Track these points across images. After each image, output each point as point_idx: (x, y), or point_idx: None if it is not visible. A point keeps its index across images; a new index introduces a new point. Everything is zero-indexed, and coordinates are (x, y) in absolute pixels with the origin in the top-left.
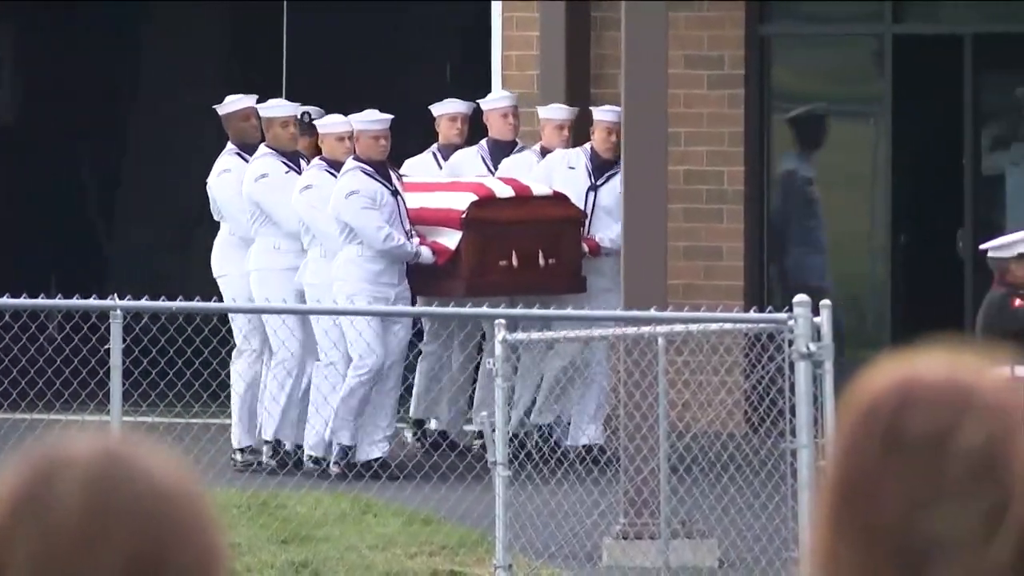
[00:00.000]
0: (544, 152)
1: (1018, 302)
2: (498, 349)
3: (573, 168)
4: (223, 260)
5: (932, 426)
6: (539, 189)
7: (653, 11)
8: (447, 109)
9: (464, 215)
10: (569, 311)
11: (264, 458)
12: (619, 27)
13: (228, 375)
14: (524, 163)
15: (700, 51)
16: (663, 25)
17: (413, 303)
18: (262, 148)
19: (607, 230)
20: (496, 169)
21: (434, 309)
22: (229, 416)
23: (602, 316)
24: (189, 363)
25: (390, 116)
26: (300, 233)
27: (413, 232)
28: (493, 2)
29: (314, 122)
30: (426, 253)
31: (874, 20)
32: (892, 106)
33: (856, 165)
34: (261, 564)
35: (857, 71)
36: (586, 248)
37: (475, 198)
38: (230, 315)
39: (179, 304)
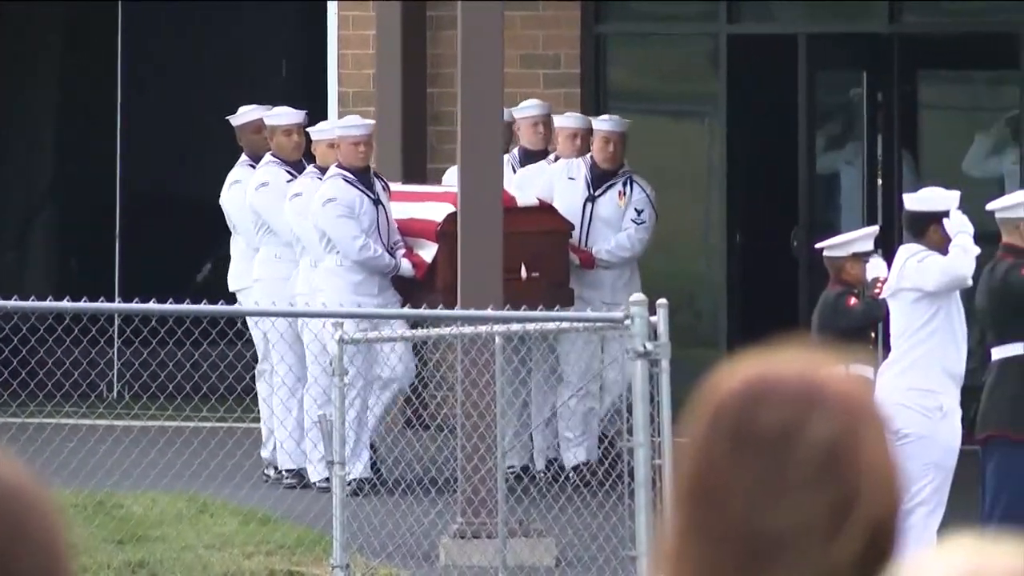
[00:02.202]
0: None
1: (853, 301)
2: (334, 348)
3: (573, 179)
4: (239, 274)
5: (780, 422)
6: (524, 200)
7: (489, 10)
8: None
9: (439, 227)
10: (405, 310)
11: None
12: (455, 26)
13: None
14: (535, 172)
15: (536, 50)
16: (499, 24)
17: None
18: (267, 157)
19: (604, 242)
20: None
21: (255, 309)
22: (63, 415)
23: (437, 315)
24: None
25: (371, 122)
26: (294, 242)
27: (401, 243)
28: (329, 1)
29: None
30: (405, 265)
31: (709, 20)
32: (727, 105)
33: (691, 164)
34: (97, 565)
35: (692, 70)
36: (577, 260)
37: (453, 209)
38: (252, 334)
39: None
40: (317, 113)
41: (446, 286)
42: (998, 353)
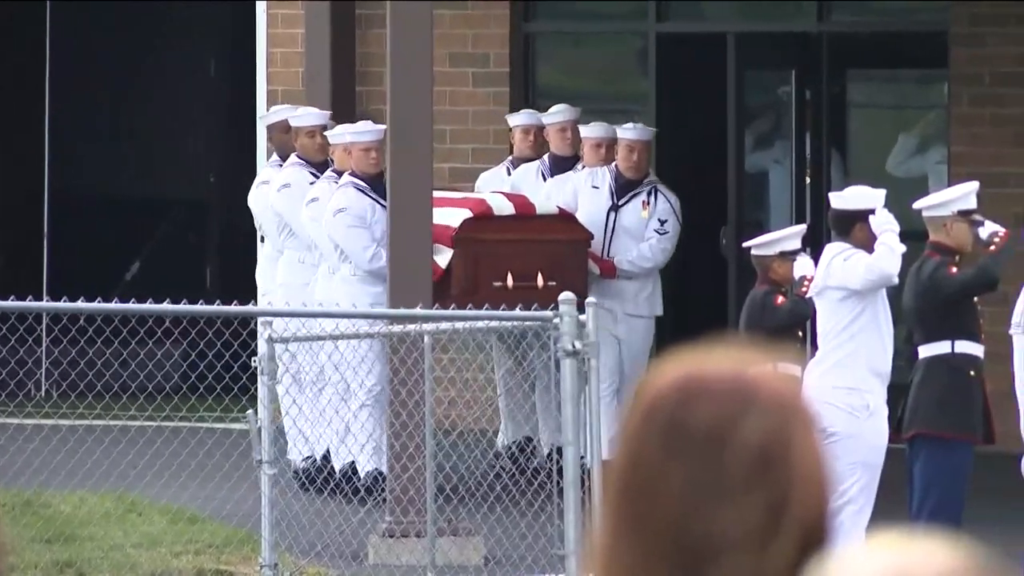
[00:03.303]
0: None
1: (780, 300)
2: (263, 348)
3: (597, 188)
4: (265, 277)
5: (713, 420)
6: (544, 208)
7: (418, 9)
8: (520, 120)
9: (455, 233)
10: (334, 308)
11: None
12: (384, 25)
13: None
14: (562, 181)
15: (465, 49)
16: (428, 23)
17: None
18: (292, 158)
19: (627, 252)
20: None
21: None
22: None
23: (367, 315)
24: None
25: (383, 127)
26: (312, 247)
27: None
28: (258, 0)
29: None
30: None
31: (638, 18)
32: (656, 104)
33: None
34: (25, 564)
35: (621, 69)
36: (597, 270)
37: (469, 215)
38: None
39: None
40: (244, 112)
41: (461, 292)
42: (925, 351)
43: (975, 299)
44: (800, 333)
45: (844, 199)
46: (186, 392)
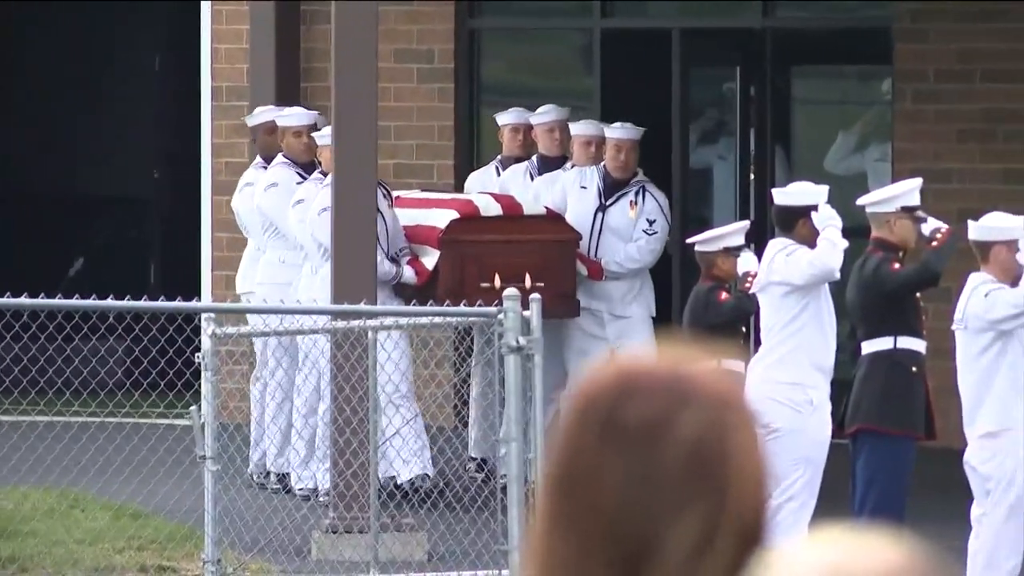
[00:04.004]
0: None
1: (724, 295)
2: (207, 343)
3: (585, 187)
4: (246, 277)
5: (649, 417)
6: (531, 208)
7: (363, 5)
8: (509, 120)
9: (441, 234)
10: (279, 304)
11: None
12: (329, 21)
13: None
14: (550, 180)
15: (410, 45)
16: (373, 19)
17: None
18: (278, 158)
19: (614, 252)
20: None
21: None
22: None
23: (310, 310)
24: None
25: None
26: (298, 247)
27: (407, 250)
28: None
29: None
30: (407, 273)
31: (583, 15)
32: (601, 100)
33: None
34: None
35: (566, 65)
36: (585, 271)
37: (456, 216)
38: (252, 340)
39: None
40: (188, 108)
41: (447, 293)
42: (868, 347)
43: (918, 295)
44: (744, 329)
45: (787, 195)
46: (129, 388)
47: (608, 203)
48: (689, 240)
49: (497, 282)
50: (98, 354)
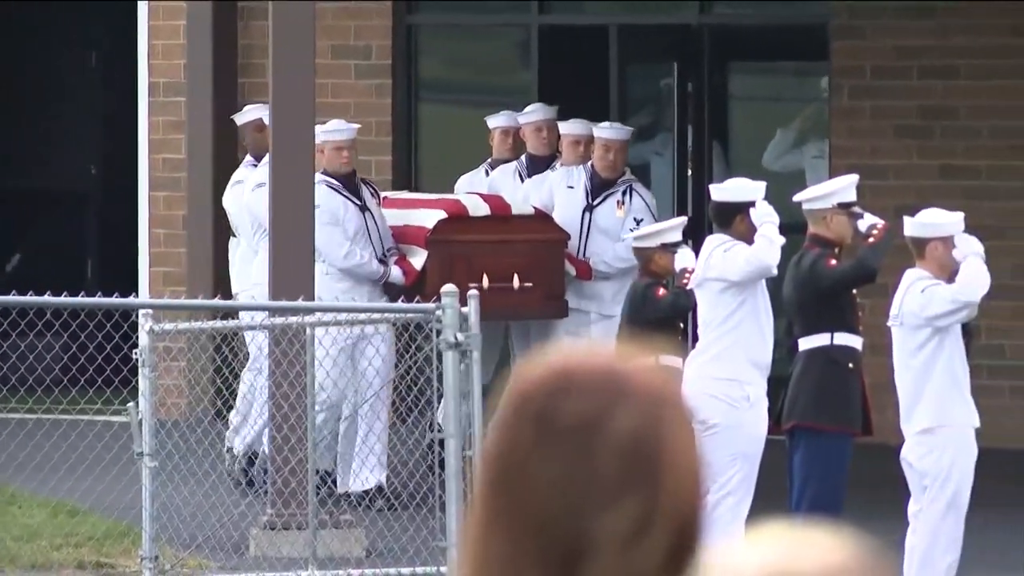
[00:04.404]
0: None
1: (661, 291)
2: (144, 339)
3: (572, 187)
4: (239, 276)
5: (584, 413)
6: (520, 208)
7: (300, 4)
8: (500, 123)
9: (429, 234)
10: (216, 301)
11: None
12: (266, 17)
13: None
14: (539, 181)
15: (347, 41)
16: (310, 15)
17: None
18: (267, 157)
19: (602, 252)
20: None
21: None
22: None
23: (249, 307)
24: None
25: (355, 126)
26: None
27: (395, 250)
28: None
29: None
30: (395, 273)
31: (520, 11)
32: (539, 96)
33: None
34: None
35: (504, 61)
36: (573, 271)
37: (444, 216)
38: (245, 335)
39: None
40: (126, 104)
41: (434, 293)
42: (804, 343)
43: (854, 291)
44: (681, 325)
45: (725, 191)
46: (67, 385)
47: (596, 203)
48: (627, 236)
49: (485, 282)
50: (35, 351)
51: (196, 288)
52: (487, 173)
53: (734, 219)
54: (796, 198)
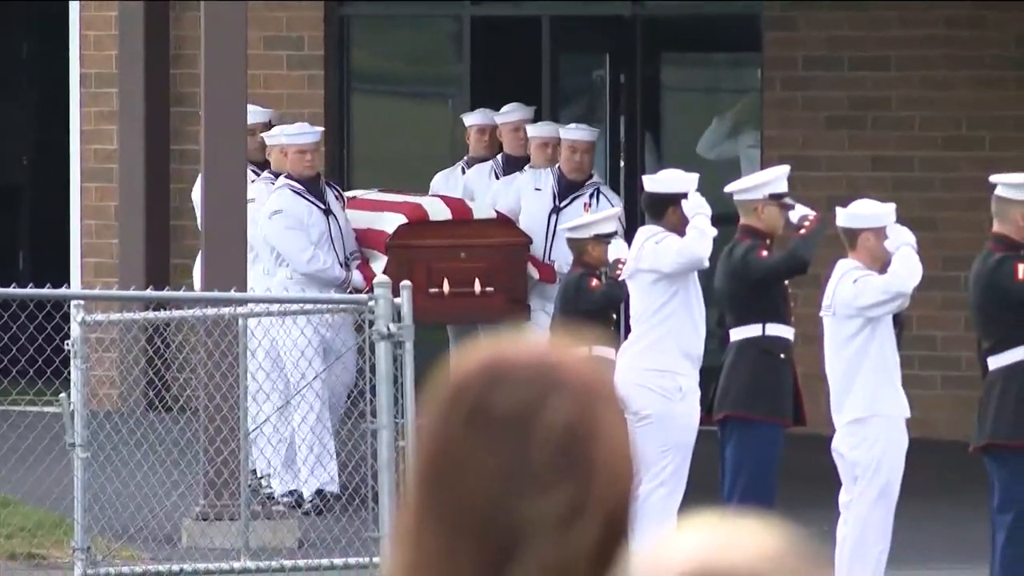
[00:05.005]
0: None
1: (594, 283)
2: (76, 330)
3: (539, 189)
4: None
5: (517, 404)
6: (481, 212)
7: None
8: (475, 120)
9: (389, 239)
10: (147, 292)
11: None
12: (198, 8)
13: None
14: (507, 182)
15: (279, 32)
16: (242, 6)
17: None
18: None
19: (567, 255)
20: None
21: None
22: None
23: (177, 297)
24: None
25: (319, 130)
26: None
27: (357, 254)
28: None
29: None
30: (356, 278)
31: (453, 1)
32: (471, 87)
33: (435, 146)
34: None
35: (437, 52)
36: (536, 275)
37: (404, 221)
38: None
39: None
40: (57, 94)
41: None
42: (736, 334)
43: (786, 282)
44: (614, 316)
45: (657, 182)
46: None
47: (562, 205)
48: (560, 227)
49: (446, 287)
50: None
51: (128, 279)
52: (463, 171)
53: (666, 210)
54: (727, 189)
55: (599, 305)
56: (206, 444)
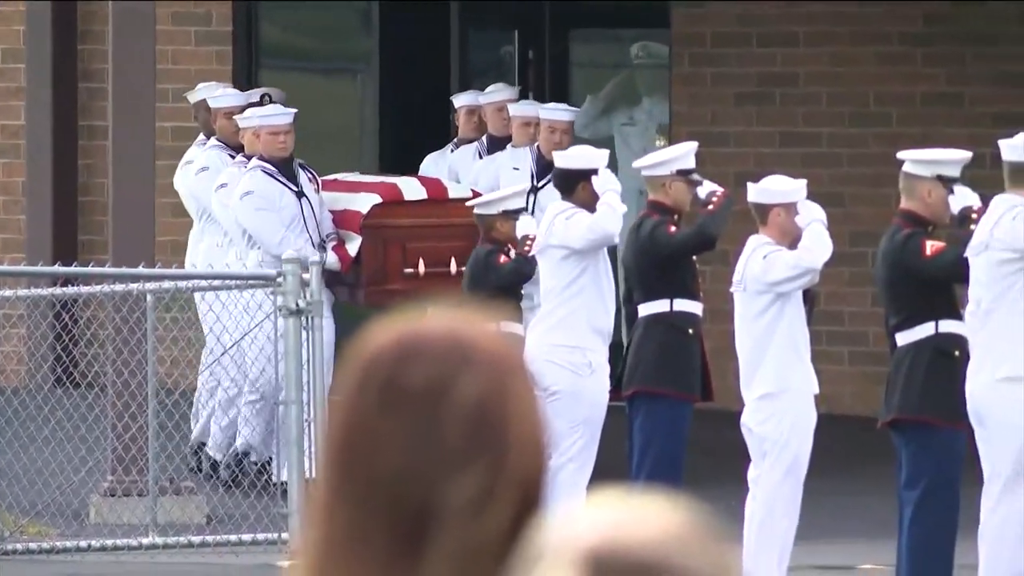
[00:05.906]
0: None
1: (503, 259)
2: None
3: (517, 169)
4: (194, 258)
5: (428, 380)
6: (457, 191)
7: None
8: (464, 101)
9: (363, 219)
10: (55, 268)
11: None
12: None
13: None
14: (487, 162)
15: (188, 8)
16: None
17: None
18: (212, 140)
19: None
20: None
21: None
22: None
23: (84, 273)
24: None
25: (292, 111)
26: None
27: (334, 236)
28: None
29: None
30: (331, 259)
31: None
32: (380, 64)
33: (345, 123)
34: None
35: (345, 29)
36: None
37: (379, 200)
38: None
39: None
40: None
41: (370, 280)
42: (644, 310)
43: (694, 258)
44: (523, 292)
45: (568, 158)
46: None
47: (540, 184)
48: (468, 203)
49: (421, 268)
50: None
51: (35, 254)
52: (452, 152)
53: (577, 186)
54: (635, 164)
55: (508, 281)
56: (114, 420)
